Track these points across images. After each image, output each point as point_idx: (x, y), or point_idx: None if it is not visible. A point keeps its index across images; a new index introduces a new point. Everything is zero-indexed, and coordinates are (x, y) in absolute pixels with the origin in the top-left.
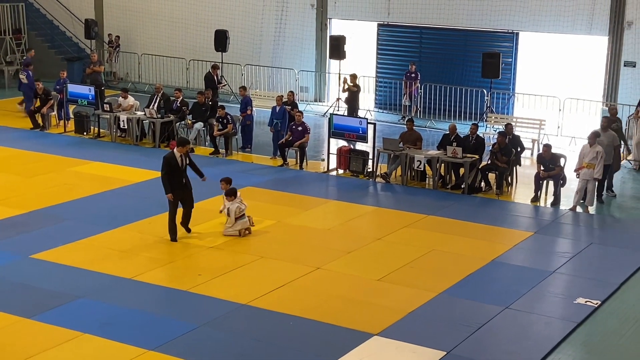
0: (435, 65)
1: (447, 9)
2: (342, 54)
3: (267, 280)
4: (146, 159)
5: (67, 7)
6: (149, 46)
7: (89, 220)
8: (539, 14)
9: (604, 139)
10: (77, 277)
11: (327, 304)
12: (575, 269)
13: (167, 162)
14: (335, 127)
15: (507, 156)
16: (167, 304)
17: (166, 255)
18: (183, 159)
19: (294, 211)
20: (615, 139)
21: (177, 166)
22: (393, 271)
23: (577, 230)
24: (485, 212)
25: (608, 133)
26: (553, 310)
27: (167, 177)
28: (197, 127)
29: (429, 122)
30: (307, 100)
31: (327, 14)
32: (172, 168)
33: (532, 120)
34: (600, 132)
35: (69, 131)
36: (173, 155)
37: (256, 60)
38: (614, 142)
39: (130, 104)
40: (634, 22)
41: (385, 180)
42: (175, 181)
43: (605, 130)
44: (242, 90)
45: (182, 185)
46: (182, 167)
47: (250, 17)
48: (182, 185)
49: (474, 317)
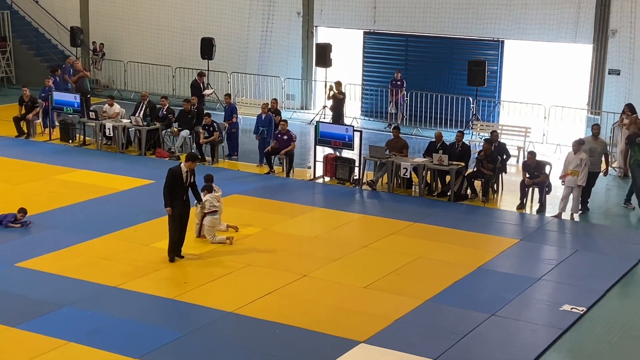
0: (421, 73)
1: (433, 17)
2: (328, 61)
3: (253, 288)
4: (132, 167)
5: (53, 14)
6: (135, 54)
7: (74, 229)
8: (524, 22)
9: (597, 147)
10: (63, 285)
11: (313, 312)
12: (561, 276)
13: (172, 175)
14: (322, 135)
15: (493, 163)
16: (153, 312)
17: (152, 263)
18: (189, 175)
19: (281, 219)
20: (605, 146)
21: (181, 181)
22: (380, 278)
23: (562, 237)
24: (472, 220)
25: (599, 140)
26: (539, 317)
27: (168, 190)
28: (183, 135)
29: (415, 129)
30: (293, 108)
31: (313, 21)
32: (176, 182)
33: (518, 127)
34: (591, 139)
35: (55, 139)
36: (179, 169)
37: (242, 68)
38: (604, 150)
39: (116, 111)
40: (618, 30)
41: (372, 187)
42: (177, 196)
43: (596, 137)
44: (227, 98)
45: (182, 201)
46: (185, 183)
47: (236, 25)
48: (183, 201)
49: (460, 325)
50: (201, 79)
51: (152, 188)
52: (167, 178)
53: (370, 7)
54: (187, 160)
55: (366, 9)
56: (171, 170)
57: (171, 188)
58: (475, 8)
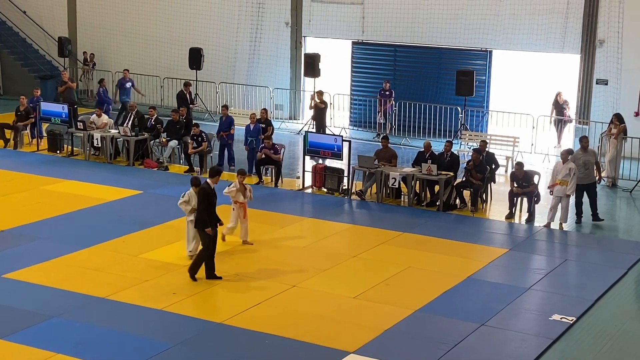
0: (409, 83)
1: (421, 27)
2: (317, 71)
3: (242, 299)
4: (120, 178)
5: (41, 25)
6: (123, 64)
7: (62, 239)
8: (512, 33)
9: (590, 158)
10: (50, 296)
11: (303, 322)
12: (551, 286)
13: (205, 194)
14: (310, 145)
15: (482, 173)
16: (141, 323)
17: (140, 274)
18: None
19: (270, 229)
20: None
21: (214, 198)
22: (369, 289)
23: (551, 246)
24: (461, 229)
25: (590, 151)
26: (528, 327)
27: (206, 211)
28: (171, 145)
29: (403, 139)
30: (282, 118)
31: (302, 32)
32: (210, 200)
33: (506, 137)
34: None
35: (42, 149)
36: (209, 186)
37: (231, 78)
38: (595, 160)
39: (104, 122)
40: (606, 40)
41: (361, 197)
42: (214, 215)
43: (586, 150)
44: (225, 110)
45: (217, 220)
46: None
47: (224, 35)
48: (217, 220)
49: (450, 335)
50: (187, 89)
51: (141, 199)
52: (200, 197)
53: (358, 18)
54: (212, 176)
55: (354, 19)
56: (204, 189)
57: (208, 208)
58: (464, 18)
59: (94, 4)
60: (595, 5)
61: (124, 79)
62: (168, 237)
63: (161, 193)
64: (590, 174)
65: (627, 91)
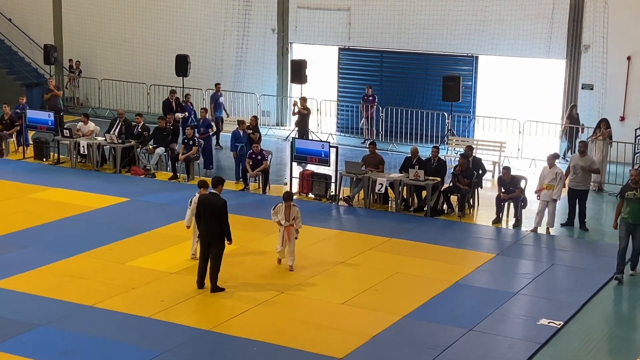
0: (396, 88)
1: (407, 33)
2: (304, 78)
3: (230, 306)
4: (107, 185)
5: (26, 32)
6: (109, 71)
7: (48, 248)
8: (498, 38)
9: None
10: (37, 305)
11: (291, 329)
12: (538, 290)
13: (226, 207)
14: (298, 151)
15: (469, 178)
16: (128, 331)
17: (128, 281)
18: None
19: (257, 235)
20: (593, 163)
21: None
22: (357, 295)
23: (538, 251)
24: (448, 235)
25: (586, 158)
26: (516, 331)
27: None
28: (158, 152)
29: (390, 145)
30: (268, 125)
31: (289, 38)
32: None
33: (493, 142)
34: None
35: (28, 157)
36: (226, 202)
37: None
38: (592, 166)
39: (90, 129)
40: (591, 45)
41: (348, 203)
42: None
43: (583, 154)
44: (203, 112)
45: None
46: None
47: (211, 42)
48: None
49: (438, 340)
50: (173, 96)
51: (128, 206)
52: (225, 212)
53: (345, 24)
54: (216, 185)
55: (341, 25)
56: (225, 203)
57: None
58: (449, 24)
59: (80, 11)
60: (580, 10)
61: (217, 94)
62: (155, 245)
63: (148, 200)
64: (582, 180)
65: (612, 96)
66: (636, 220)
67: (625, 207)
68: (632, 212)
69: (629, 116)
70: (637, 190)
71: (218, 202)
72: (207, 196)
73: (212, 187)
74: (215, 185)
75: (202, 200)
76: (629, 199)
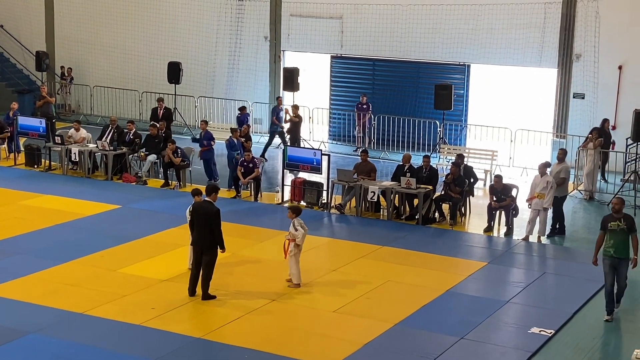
0: (388, 97)
1: (399, 42)
2: (296, 85)
3: (221, 313)
4: (98, 192)
5: (18, 39)
6: (101, 78)
7: (40, 254)
8: (490, 47)
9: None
10: (28, 312)
11: (283, 337)
12: (529, 299)
13: (220, 216)
14: (290, 159)
15: (461, 187)
16: (120, 338)
17: (119, 289)
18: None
19: (249, 243)
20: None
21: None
22: (349, 302)
23: (530, 260)
24: (440, 243)
25: (562, 165)
26: (508, 340)
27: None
28: (150, 160)
29: (382, 153)
30: (260, 132)
31: (281, 46)
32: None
33: (485, 151)
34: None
35: (20, 164)
36: (219, 210)
37: (210, 92)
38: (557, 175)
39: (82, 136)
40: (583, 54)
41: (340, 211)
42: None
43: (560, 162)
44: (203, 124)
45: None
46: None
47: (203, 49)
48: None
49: (429, 348)
50: (159, 104)
51: (119, 213)
52: (219, 220)
53: (337, 32)
54: (210, 193)
55: (333, 33)
56: (218, 210)
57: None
58: (442, 33)
59: (72, 18)
60: (572, 20)
61: (279, 107)
62: (146, 252)
63: (140, 207)
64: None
65: (603, 105)
66: (621, 253)
67: (608, 240)
68: (617, 245)
69: (620, 125)
70: (621, 220)
71: (211, 210)
72: (201, 204)
73: (206, 194)
74: (209, 193)
75: (195, 207)
76: (612, 230)
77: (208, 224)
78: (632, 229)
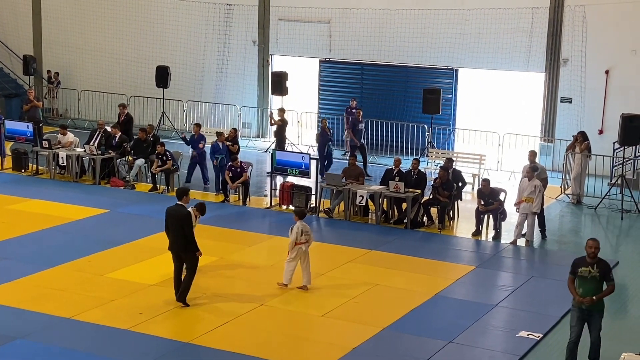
0: (376, 101)
1: (388, 46)
2: (284, 90)
3: (209, 318)
4: (86, 196)
5: (5, 42)
6: (89, 82)
7: (27, 259)
8: (478, 51)
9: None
10: (15, 317)
11: (270, 341)
12: (517, 303)
13: (190, 219)
14: (278, 163)
15: (449, 191)
16: (107, 343)
17: (106, 293)
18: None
19: (237, 247)
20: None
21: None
22: (337, 307)
23: (518, 263)
24: (428, 247)
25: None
26: (496, 343)
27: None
28: (138, 164)
29: (370, 157)
30: (249, 136)
31: (269, 50)
32: (191, 223)
33: (473, 155)
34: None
35: (7, 168)
36: (190, 213)
37: (198, 96)
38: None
39: (69, 140)
40: (570, 59)
41: (328, 215)
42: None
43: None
44: (196, 128)
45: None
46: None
47: (192, 53)
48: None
49: (418, 352)
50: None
51: (107, 217)
52: (189, 222)
53: (325, 36)
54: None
55: (322, 37)
56: (188, 213)
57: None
58: (430, 37)
59: (60, 22)
60: (559, 24)
61: (358, 120)
62: (134, 257)
63: (128, 212)
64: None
65: (590, 109)
66: (592, 306)
67: (577, 288)
68: (586, 295)
69: (607, 129)
70: (594, 266)
71: (181, 213)
72: (173, 207)
73: (177, 198)
74: (180, 197)
75: (168, 211)
76: (583, 277)
77: (180, 228)
78: (607, 277)
